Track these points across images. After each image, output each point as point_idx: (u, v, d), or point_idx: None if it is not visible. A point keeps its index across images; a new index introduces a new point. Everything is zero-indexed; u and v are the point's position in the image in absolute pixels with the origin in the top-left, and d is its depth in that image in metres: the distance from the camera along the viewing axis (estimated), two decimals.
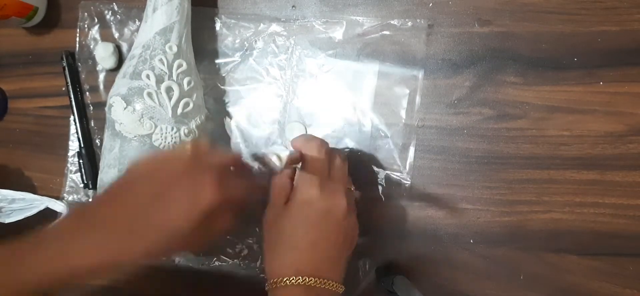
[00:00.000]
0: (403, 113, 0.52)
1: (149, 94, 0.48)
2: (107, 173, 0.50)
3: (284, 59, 0.54)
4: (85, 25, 0.59)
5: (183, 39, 0.50)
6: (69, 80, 0.59)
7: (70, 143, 0.60)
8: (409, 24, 0.51)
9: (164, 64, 0.48)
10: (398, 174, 0.52)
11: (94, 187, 0.60)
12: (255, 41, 0.55)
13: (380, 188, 0.52)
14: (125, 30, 0.58)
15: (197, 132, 0.51)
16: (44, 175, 0.62)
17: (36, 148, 0.62)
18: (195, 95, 0.50)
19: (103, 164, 0.51)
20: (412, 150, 0.52)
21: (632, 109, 0.47)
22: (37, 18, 0.60)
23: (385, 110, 0.52)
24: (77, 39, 0.60)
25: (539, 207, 0.49)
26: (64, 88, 0.60)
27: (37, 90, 0.62)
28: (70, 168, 0.61)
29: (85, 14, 0.59)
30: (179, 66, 0.49)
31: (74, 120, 0.59)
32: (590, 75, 0.48)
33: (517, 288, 0.50)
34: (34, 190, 0.61)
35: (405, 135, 0.52)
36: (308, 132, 0.54)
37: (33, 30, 0.62)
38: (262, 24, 0.54)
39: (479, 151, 0.50)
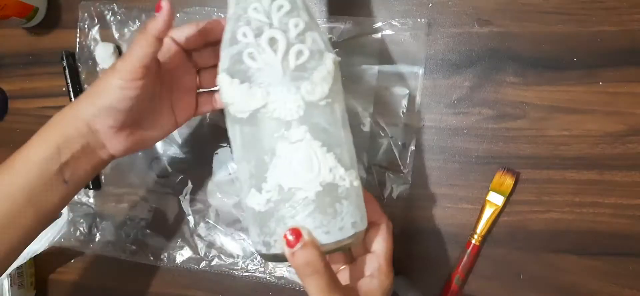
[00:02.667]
0: (403, 113, 0.52)
1: (250, 54, 0.37)
2: (241, 171, 0.40)
3: None
4: (86, 26, 0.59)
5: None
6: (69, 80, 0.59)
7: None
8: (409, 23, 0.51)
9: (259, 12, 0.37)
10: (398, 174, 0.52)
11: (94, 187, 0.60)
12: None
13: (380, 188, 0.52)
14: (126, 30, 0.58)
15: (328, 84, 0.38)
16: None
17: None
18: (309, 39, 0.38)
19: (235, 162, 0.42)
20: (412, 150, 0.52)
21: (631, 109, 0.48)
22: (38, 18, 0.60)
23: (385, 110, 0.52)
24: (77, 39, 0.60)
25: (538, 207, 0.50)
26: (64, 89, 0.60)
27: (38, 90, 0.62)
28: None
29: (86, 14, 0.59)
30: (279, 8, 0.37)
31: None
32: (590, 75, 0.48)
33: (517, 288, 0.50)
34: None
35: (405, 135, 0.52)
36: None
37: (33, 31, 0.62)
38: None
39: (479, 151, 0.51)
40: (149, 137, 0.45)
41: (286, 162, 0.37)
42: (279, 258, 0.38)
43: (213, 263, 0.57)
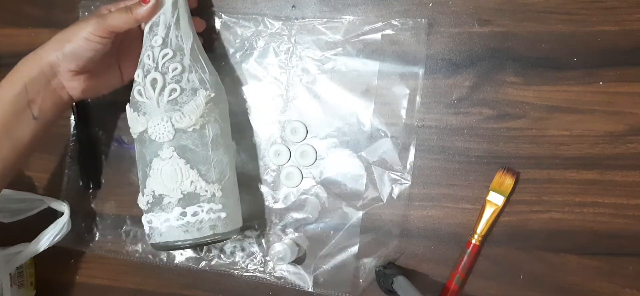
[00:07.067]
0: (403, 113, 0.52)
1: (139, 91, 0.48)
2: (138, 177, 0.51)
3: (285, 59, 0.54)
4: None
5: (171, 29, 0.48)
6: None
7: (70, 143, 0.60)
8: (409, 23, 0.51)
9: (150, 59, 0.48)
10: (398, 174, 0.52)
11: (94, 187, 0.60)
12: (256, 41, 0.55)
13: (380, 188, 0.52)
14: None
15: (195, 115, 0.47)
16: (44, 175, 0.62)
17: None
18: (185, 79, 0.48)
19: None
20: (412, 150, 0.52)
21: (631, 109, 0.48)
22: None
23: (385, 110, 0.52)
24: None
25: (538, 207, 0.50)
26: None
27: None
28: (71, 168, 0.61)
29: (86, 13, 0.59)
30: (165, 56, 0.48)
31: (74, 120, 0.60)
32: (589, 75, 0.48)
33: (517, 288, 0.50)
34: (34, 190, 0.61)
35: (405, 135, 0.52)
36: (309, 132, 0.54)
37: (33, 31, 0.62)
38: (262, 24, 0.54)
39: (479, 151, 0.51)
40: (100, 85, 0.53)
41: (158, 174, 0.47)
42: (159, 247, 0.49)
43: (212, 262, 0.57)
